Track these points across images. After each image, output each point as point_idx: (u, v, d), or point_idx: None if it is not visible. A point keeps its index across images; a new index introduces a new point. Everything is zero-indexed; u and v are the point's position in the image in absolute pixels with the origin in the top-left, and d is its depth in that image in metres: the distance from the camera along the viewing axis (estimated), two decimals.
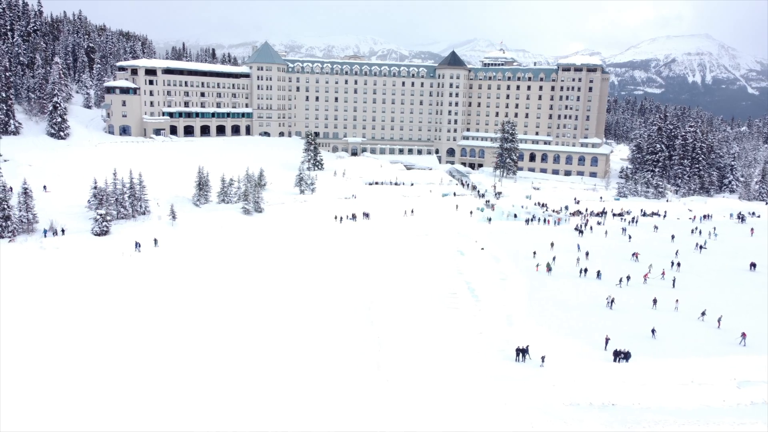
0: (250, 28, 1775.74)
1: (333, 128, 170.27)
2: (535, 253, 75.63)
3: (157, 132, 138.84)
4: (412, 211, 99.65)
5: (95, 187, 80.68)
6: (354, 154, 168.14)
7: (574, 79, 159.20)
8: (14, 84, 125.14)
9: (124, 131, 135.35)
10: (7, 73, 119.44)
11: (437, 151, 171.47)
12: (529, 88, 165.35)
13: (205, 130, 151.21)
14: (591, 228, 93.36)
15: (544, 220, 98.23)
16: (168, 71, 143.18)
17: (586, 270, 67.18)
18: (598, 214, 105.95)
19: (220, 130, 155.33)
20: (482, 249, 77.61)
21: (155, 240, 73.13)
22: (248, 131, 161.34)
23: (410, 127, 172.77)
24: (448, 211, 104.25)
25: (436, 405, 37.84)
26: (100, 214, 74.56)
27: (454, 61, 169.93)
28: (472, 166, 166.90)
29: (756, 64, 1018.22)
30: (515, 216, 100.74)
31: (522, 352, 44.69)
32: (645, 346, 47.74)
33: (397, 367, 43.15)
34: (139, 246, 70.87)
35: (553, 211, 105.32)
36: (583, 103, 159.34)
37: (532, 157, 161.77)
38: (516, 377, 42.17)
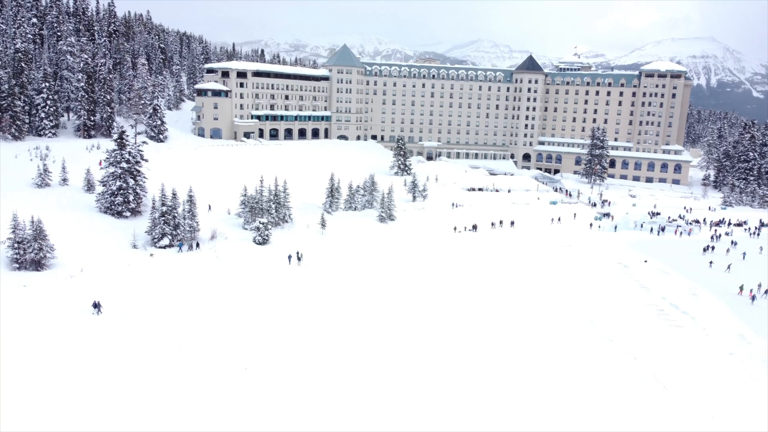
0: (255, 27, 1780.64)
1: (409, 132, 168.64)
2: (711, 263, 74.19)
3: (247, 135, 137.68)
4: (559, 219, 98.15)
5: (244, 195, 79.68)
6: (429, 158, 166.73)
7: (657, 86, 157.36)
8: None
9: (215, 134, 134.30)
10: (110, 75, 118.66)
11: (512, 156, 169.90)
12: (608, 93, 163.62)
13: (288, 133, 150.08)
14: (722, 243, 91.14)
15: (675, 231, 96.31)
16: (257, 74, 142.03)
17: None
18: (717, 224, 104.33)
19: (301, 134, 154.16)
20: (645, 261, 76.06)
21: (298, 254, 68.06)
22: (326, 134, 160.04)
23: (485, 131, 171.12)
24: (566, 220, 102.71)
25: None
26: (262, 223, 73.33)
27: (531, 65, 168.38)
28: (548, 171, 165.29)
29: (761, 68, 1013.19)
30: (641, 226, 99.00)
31: None
32: None
33: (679, 385, 41.84)
34: (299, 256, 68.51)
35: (682, 219, 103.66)
36: (666, 110, 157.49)
37: (612, 164, 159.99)
38: None
